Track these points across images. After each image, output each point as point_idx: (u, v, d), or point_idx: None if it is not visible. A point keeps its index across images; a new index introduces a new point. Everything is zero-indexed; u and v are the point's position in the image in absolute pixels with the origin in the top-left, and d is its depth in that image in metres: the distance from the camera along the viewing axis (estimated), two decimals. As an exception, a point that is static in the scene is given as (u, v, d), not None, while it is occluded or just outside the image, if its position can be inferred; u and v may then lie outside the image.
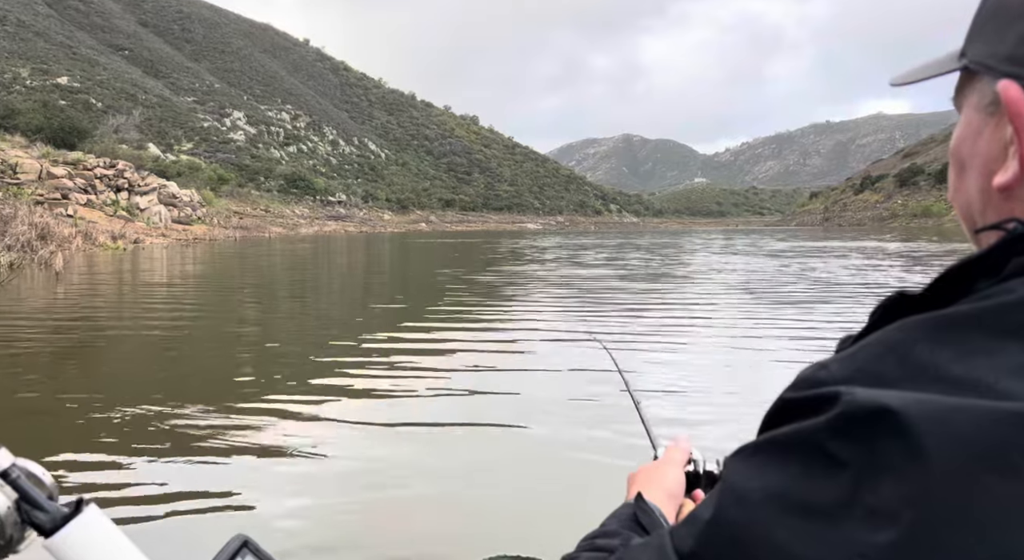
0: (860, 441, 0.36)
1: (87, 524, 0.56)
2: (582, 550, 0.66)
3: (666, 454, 0.90)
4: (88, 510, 0.56)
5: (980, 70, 0.51)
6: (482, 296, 12.76)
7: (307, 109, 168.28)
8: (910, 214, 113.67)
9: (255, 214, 73.09)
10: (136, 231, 33.49)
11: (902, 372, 0.39)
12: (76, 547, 0.55)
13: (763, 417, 0.45)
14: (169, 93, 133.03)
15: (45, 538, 0.55)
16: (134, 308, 11.44)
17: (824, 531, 0.36)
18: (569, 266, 21.27)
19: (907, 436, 0.35)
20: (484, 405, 5.21)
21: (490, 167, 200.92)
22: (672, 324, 9.05)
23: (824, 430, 0.38)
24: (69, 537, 0.55)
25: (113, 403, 5.07)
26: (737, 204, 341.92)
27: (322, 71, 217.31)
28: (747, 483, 0.41)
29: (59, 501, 0.57)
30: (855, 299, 11.79)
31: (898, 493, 0.34)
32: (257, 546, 0.60)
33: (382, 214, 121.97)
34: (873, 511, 0.35)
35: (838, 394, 0.39)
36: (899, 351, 0.40)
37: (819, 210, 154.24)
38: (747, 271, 18.35)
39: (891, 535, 0.34)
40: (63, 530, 0.55)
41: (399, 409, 5.08)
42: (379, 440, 4.40)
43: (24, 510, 0.55)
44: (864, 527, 0.35)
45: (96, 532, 0.56)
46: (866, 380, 0.39)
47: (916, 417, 0.35)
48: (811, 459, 0.39)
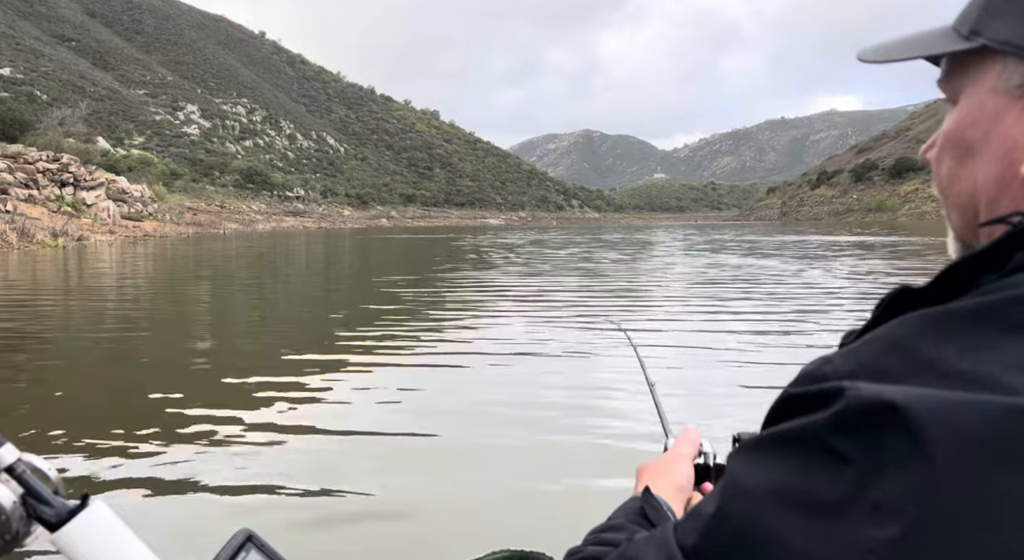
0: (864, 437, 0.36)
1: (93, 519, 0.56)
2: (588, 544, 0.65)
3: (675, 447, 0.89)
4: (93, 505, 0.57)
5: (1007, 50, 0.47)
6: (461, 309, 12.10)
7: (263, 103, 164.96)
8: (865, 209, 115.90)
9: (210, 210, 71.11)
10: (81, 228, 31.92)
11: (906, 367, 0.38)
12: (82, 541, 0.55)
13: (767, 412, 0.45)
14: (119, 86, 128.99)
15: (51, 532, 0.55)
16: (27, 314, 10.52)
17: (828, 527, 0.36)
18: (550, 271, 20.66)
19: (911, 431, 0.35)
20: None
21: (451, 162, 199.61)
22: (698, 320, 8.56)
23: (828, 425, 0.38)
24: (75, 531, 0.55)
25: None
26: (696, 199, 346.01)
27: (278, 64, 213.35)
28: (750, 478, 0.41)
29: (65, 496, 0.57)
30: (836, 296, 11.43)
31: (903, 488, 0.34)
32: (262, 541, 0.60)
33: (342, 210, 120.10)
34: (877, 507, 0.35)
35: (842, 389, 0.38)
36: (904, 346, 0.40)
37: (777, 205, 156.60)
38: (755, 271, 17.99)
39: (895, 530, 0.34)
40: (69, 525, 0.55)
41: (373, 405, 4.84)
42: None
43: (30, 505, 0.55)
44: (868, 522, 0.35)
45: (102, 526, 0.56)
46: (870, 375, 0.38)
47: (920, 412, 0.35)
48: (815, 454, 0.38)
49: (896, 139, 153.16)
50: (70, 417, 4.69)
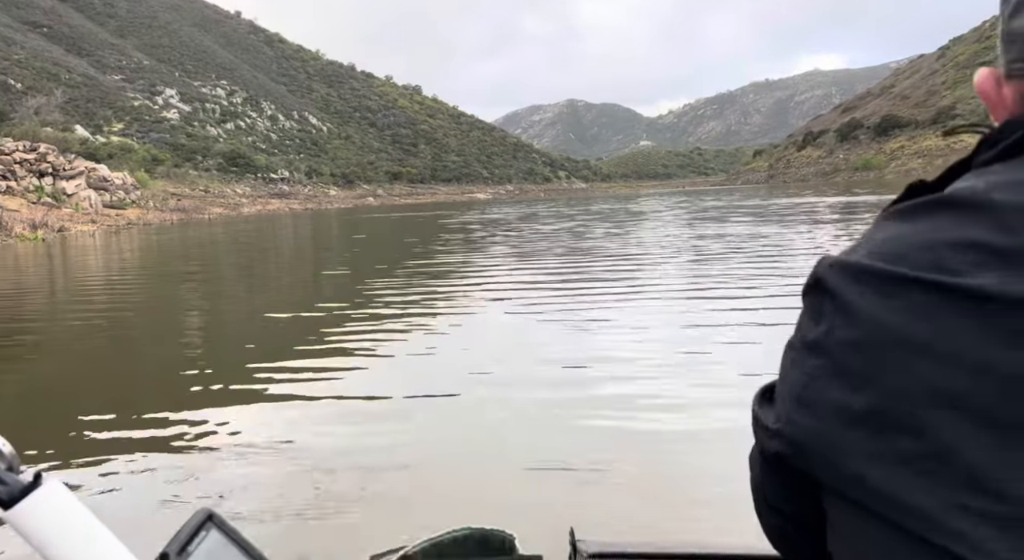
0: (808, 297, 0.50)
1: (47, 496, 0.55)
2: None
3: None
4: (48, 482, 0.55)
5: None
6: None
7: (243, 84, 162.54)
8: (852, 168, 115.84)
9: (194, 195, 70.47)
10: (61, 218, 31.54)
11: (858, 243, 0.49)
12: (36, 519, 0.54)
13: None
14: (94, 72, 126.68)
15: (4, 510, 0.54)
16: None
17: (796, 355, 0.51)
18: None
19: (825, 291, 0.47)
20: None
21: (436, 138, 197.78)
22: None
23: (804, 292, 0.52)
24: (28, 509, 0.54)
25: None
26: (682, 166, 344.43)
27: (256, 44, 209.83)
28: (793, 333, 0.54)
29: (22, 472, 0.56)
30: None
31: (823, 330, 0.47)
32: (223, 520, 0.59)
33: (327, 190, 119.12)
34: (815, 343, 0.48)
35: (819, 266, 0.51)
36: (870, 228, 0.50)
37: (763, 168, 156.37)
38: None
39: (820, 361, 0.47)
40: (22, 502, 0.54)
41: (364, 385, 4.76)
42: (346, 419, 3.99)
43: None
44: (810, 355, 0.49)
45: (57, 504, 0.55)
46: (842, 254, 0.49)
47: (827, 276, 0.48)
48: (803, 312, 0.52)
49: (880, 97, 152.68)
50: (36, 406, 4.65)
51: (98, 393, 4.98)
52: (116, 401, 4.66)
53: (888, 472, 0.42)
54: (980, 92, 0.56)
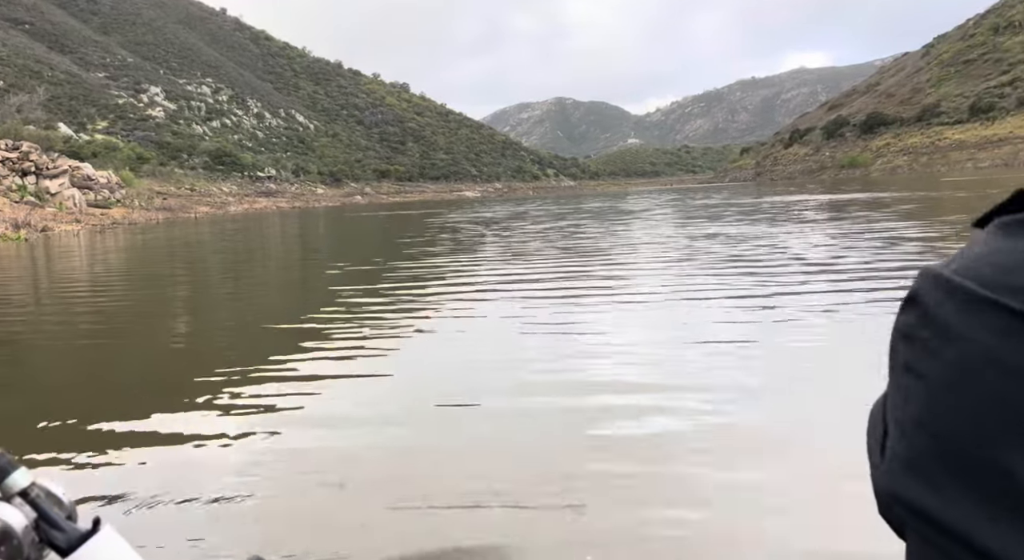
0: (902, 312, 0.44)
1: (103, 544, 0.57)
2: None
3: None
4: (104, 530, 0.58)
5: None
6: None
7: (229, 82, 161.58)
8: (838, 165, 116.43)
9: (180, 194, 69.96)
10: (45, 217, 31.09)
11: (954, 256, 0.43)
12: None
13: None
14: (78, 69, 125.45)
15: (62, 558, 0.56)
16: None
17: (893, 378, 0.44)
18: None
19: (917, 305, 0.42)
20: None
21: (424, 135, 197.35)
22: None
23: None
24: (85, 557, 0.56)
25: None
26: (670, 163, 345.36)
27: (242, 41, 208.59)
28: None
29: (78, 519, 0.58)
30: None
31: (914, 351, 0.41)
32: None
33: (315, 188, 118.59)
34: (906, 365, 0.42)
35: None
36: (969, 243, 0.44)
37: (751, 166, 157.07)
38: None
39: (909, 381, 0.41)
40: (80, 550, 0.56)
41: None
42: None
43: (42, 529, 0.56)
44: (902, 376, 0.42)
45: (112, 552, 0.57)
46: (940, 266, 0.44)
47: (920, 290, 0.42)
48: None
49: (866, 94, 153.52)
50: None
51: (70, 398, 4.79)
52: (85, 407, 4.51)
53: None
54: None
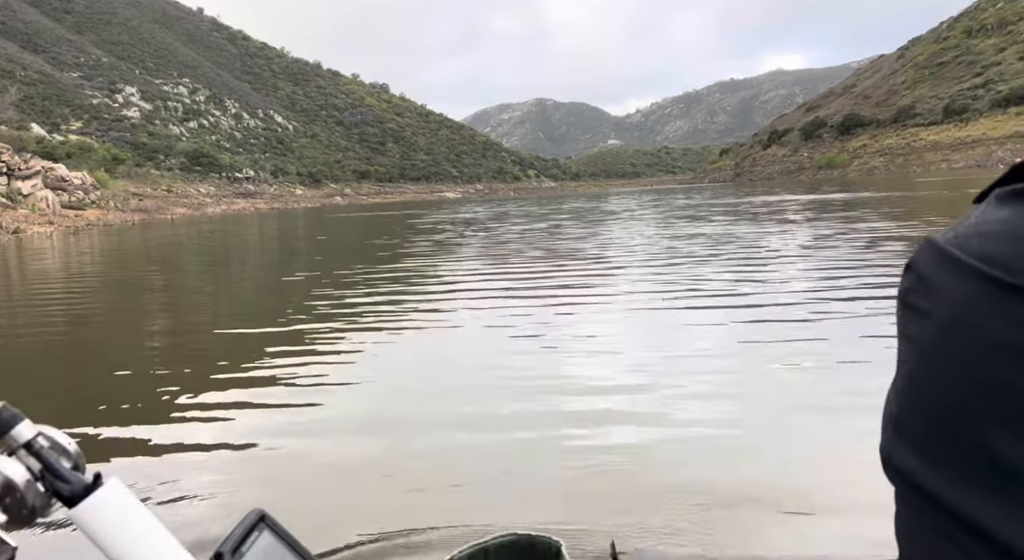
0: (903, 276, 0.44)
1: (109, 495, 0.57)
2: None
3: None
4: (110, 481, 0.58)
5: None
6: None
7: (206, 82, 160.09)
8: (816, 166, 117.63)
9: (156, 195, 69.10)
10: (17, 219, 30.47)
11: (954, 225, 0.44)
12: (98, 517, 0.56)
13: None
14: (51, 69, 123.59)
15: (69, 508, 0.57)
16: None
17: (902, 342, 0.44)
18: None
19: (913, 272, 0.43)
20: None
21: (404, 136, 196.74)
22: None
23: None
24: (91, 508, 0.56)
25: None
26: (650, 164, 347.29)
27: (219, 41, 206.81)
28: None
29: (85, 469, 0.58)
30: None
31: (911, 317, 0.42)
32: (274, 521, 0.61)
33: (294, 189, 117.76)
34: (905, 335, 0.42)
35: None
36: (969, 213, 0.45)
37: (730, 167, 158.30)
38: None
39: (911, 347, 0.42)
40: (85, 501, 0.56)
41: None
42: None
43: (48, 480, 0.56)
44: (904, 346, 0.42)
45: (117, 503, 0.57)
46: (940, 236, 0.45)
47: (918, 260, 0.43)
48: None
49: (843, 95, 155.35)
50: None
51: (35, 406, 4.61)
52: (52, 414, 4.31)
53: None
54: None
